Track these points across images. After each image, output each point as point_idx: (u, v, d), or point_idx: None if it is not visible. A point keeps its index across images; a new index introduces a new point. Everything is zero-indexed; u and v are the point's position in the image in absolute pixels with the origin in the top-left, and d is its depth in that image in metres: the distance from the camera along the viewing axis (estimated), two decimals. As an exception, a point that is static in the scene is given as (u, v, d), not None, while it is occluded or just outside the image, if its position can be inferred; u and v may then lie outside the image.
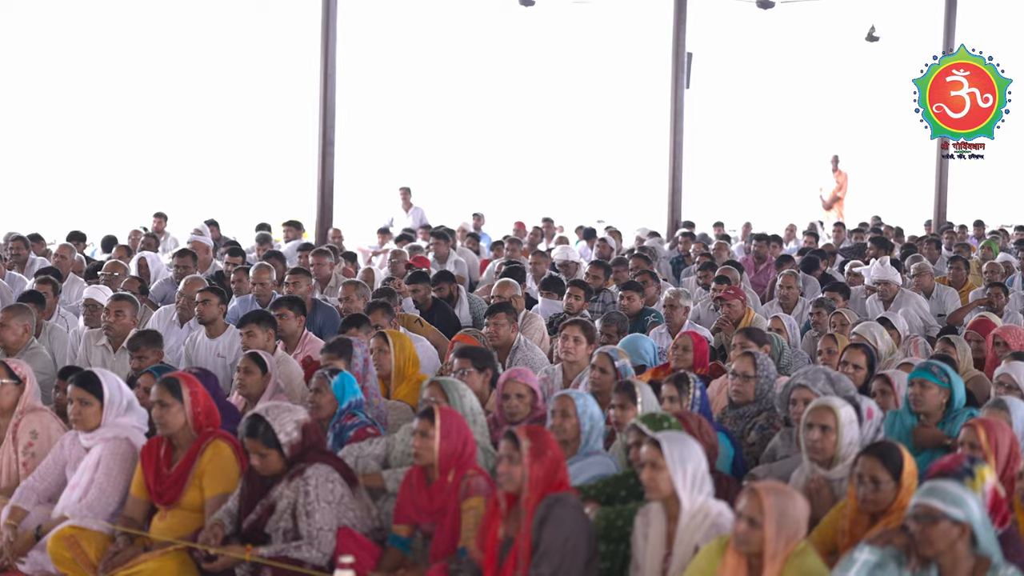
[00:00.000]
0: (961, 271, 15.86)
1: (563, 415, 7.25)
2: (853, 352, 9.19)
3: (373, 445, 7.59)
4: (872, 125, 36.23)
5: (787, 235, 24.04)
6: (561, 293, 13.30)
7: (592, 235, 21.61)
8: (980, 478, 5.70)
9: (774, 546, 5.40)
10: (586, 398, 7.35)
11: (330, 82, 19.58)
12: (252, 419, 7.02)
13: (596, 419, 7.30)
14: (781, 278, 13.96)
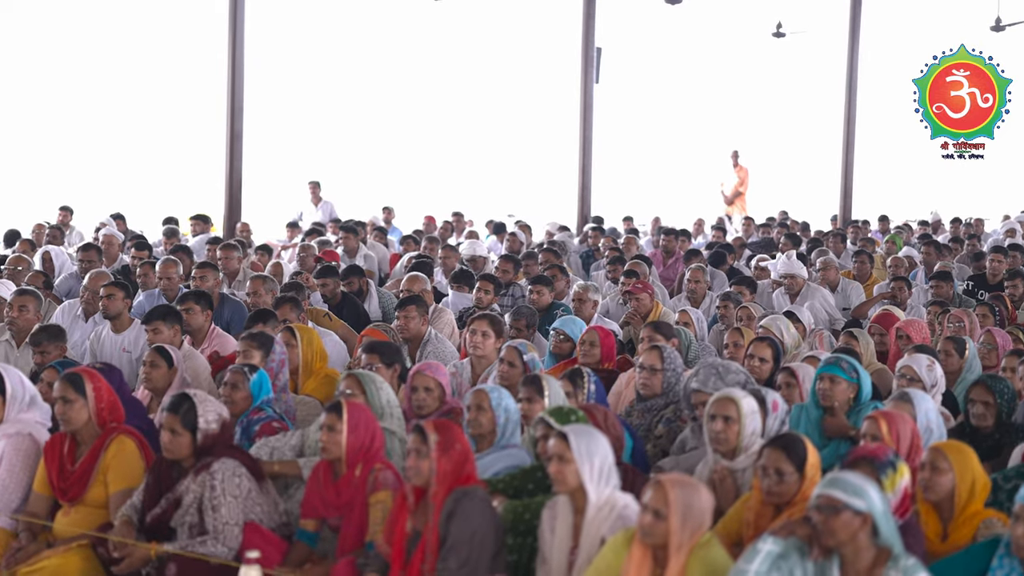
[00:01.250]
0: (866, 265, 16.06)
1: (478, 409, 7.26)
2: (759, 345, 9.28)
3: (288, 437, 7.56)
4: (779, 121, 36.61)
5: (695, 230, 24.21)
6: (472, 287, 13.31)
7: (502, 229, 21.65)
8: (900, 474, 5.77)
9: (679, 538, 5.44)
10: (501, 392, 7.36)
11: (238, 75, 19.42)
12: (179, 396, 7.01)
13: (511, 412, 7.31)
14: (689, 272, 14.05)
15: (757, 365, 9.15)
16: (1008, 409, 7.92)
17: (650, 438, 8.32)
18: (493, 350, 9.57)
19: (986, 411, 7.85)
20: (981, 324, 11.05)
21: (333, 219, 21.51)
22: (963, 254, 19.01)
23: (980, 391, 7.91)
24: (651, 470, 7.58)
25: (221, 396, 7.91)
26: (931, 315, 11.95)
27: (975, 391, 7.94)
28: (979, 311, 11.61)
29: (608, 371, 9.59)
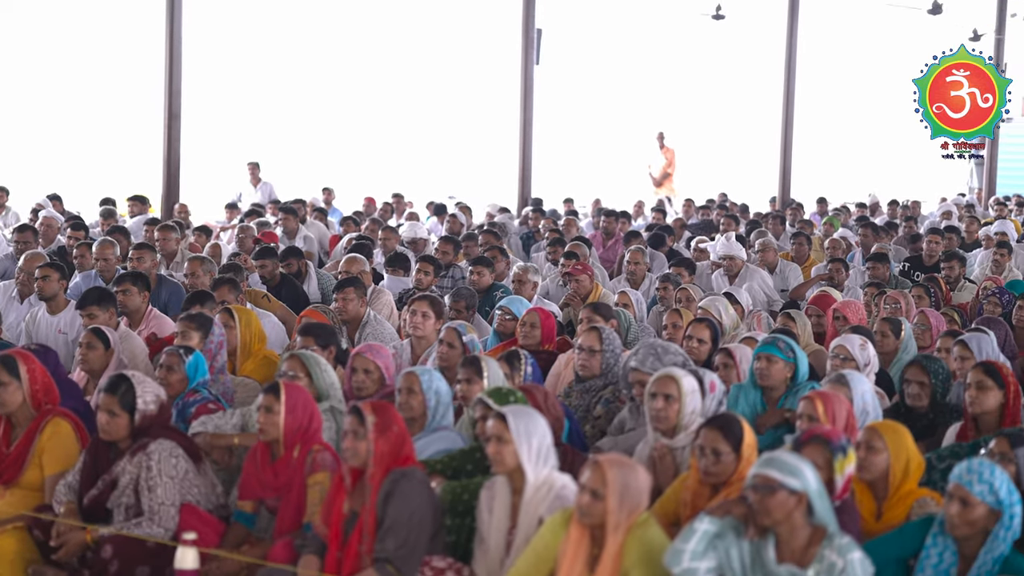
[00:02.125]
0: (804, 247, 16.15)
1: (409, 392, 7.25)
2: (697, 327, 9.32)
3: (229, 415, 7.54)
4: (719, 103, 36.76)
5: (635, 211, 24.26)
6: (407, 270, 13.29)
7: (442, 211, 21.61)
8: (849, 459, 5.80)
9: (616, 517, 5.46)
10: (432, 374, 7.36)
11: (175, 54, 19.25)
12: (117, 377, 6.97)
13: (442, 394, 7.31)
14: (629, 254, 14.08)
15: (695, 346, 9.20)
16: (942, 389, 7.99)
17: (588, 419, 8.35)
18: (433, 331, 9.57)
19: (921, 391, 7.92)
20: (917, 305, 11.14)
21: (272, 200, 21.37)
22: (900, 236, 19.18)
23: (915, 372, 7.97)
24: (589, 451, 7.61)
25: (157, 378, 7.87)
26: (868, 296, 12.04)
27: (910, 371, 8.01)
28: (915, 292, 11.70)
29: (548, 352, 9.61)
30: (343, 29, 32.16)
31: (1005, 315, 11.12)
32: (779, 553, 5.27)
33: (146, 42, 21.57)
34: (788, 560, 5.25)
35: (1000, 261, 14.85)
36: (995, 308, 11.41)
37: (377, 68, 32.73)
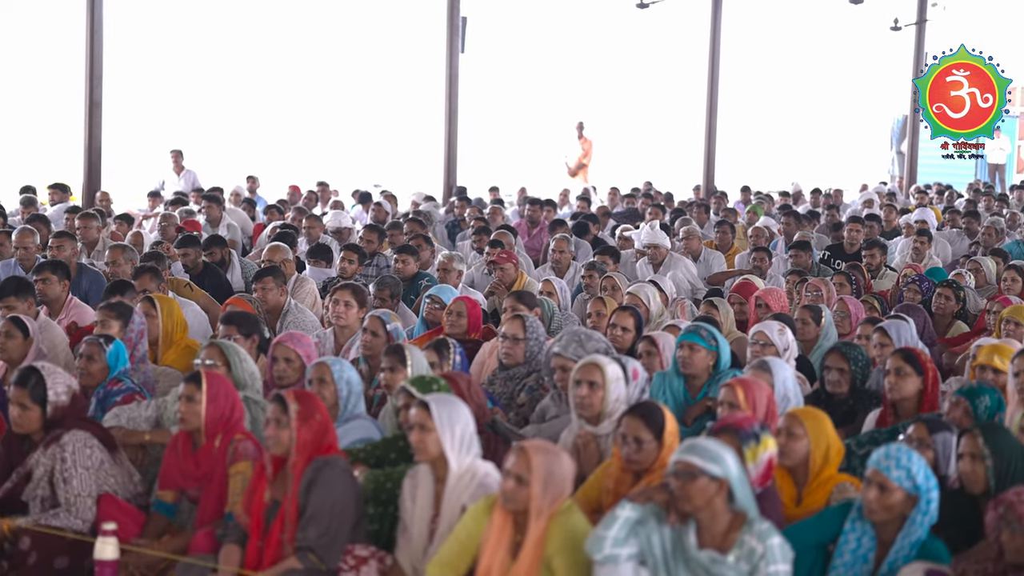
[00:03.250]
0: (727, 235, 16.25)
1: (320, 382, 7.22)
2: (621, 315, 9.35)
3: (142, 407, 7.49)
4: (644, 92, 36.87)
5: (561, 200, 24.31)
6: (329, 261, 13.24)
7: (367, 199, 21.53)
8: (763, 446, 5.83)
9: (540, 504, 5.48)
10: (342, 363, 7.34)
11: (96, 41, 19.04)
12: (26, 370, 6.92)
13: (354, 384, 7.29)
14: (554, 242, 14.11)
15: (619, 334, 9.23)
16: (862, 376, 8.07)
17: (512, 406, 8.37)
18: (356, 320, 9.54)
19: (841, 378, 8.00)
20: (838, 293, 11.24)
21: (195, 188, 21.21)
22: (822, 224, 19.34)
23: (835, 358, 8.04)
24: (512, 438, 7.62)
25: (77, 367, 7.79)
26: (790, 284, 12.13)
27: (830, 358, 8.08)
28: (836, 280, 11.80)
29: (474, 341, 9.62)
30: (266, 16, 31.95)
31: (925, 302, 11.24)
32: (700, 539, 5.31)
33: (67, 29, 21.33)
34: (709, 546, 5.29)
35: (920, 249, 15.01)
36: (915, 295, 11.53)
37: (302, 55, 32.55)
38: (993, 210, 21.90)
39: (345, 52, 32.98)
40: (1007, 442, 5.95)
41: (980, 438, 5.91)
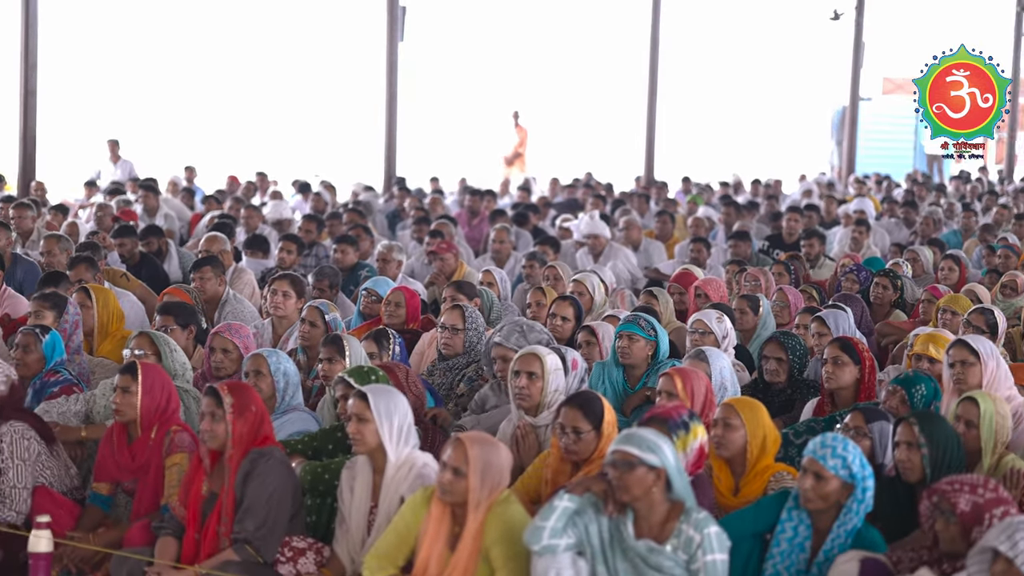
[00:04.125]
0: (667, 225, 16.30)
1: (257, 374, 7.17)
2: (561, 305, 9.35)
3: (72, 402, 7.41)
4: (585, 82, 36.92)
5: (501, 190, 24.30)
6: (266, 252, 13.17)
7: (307, 189, 21.44)
8: (693, 434, 5.84)
9: (478, 495, 5.47)
10: (279, 355, 7.29)
11: (31, 29, 18.80)
12: None
13: (291, 376, 7.25)
14: (494, 232, 14.11)
15: (559, 324, 9.23)
16: (800, 365, 8.10)
17: (452, 397, 8.35)
18: (294, 310, 9.48)
19: (779, 367, 8.03)
20: (777, 283, 11.28)
21: (132, 178, 21.03)
22: (761, 214, 19.43)
23: (773, 348, 8.08)
24: (451, 428, 7.60)
25: (12, 358, 7.70)
26: (729, 274, 12.18)
27: (768, 348, 8.11)
28: (775, 270, 11.85)
29: (413, 331, 9.58)
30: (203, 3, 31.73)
31: (863, 292, 11.30)
32: (637, 529, 5.31)
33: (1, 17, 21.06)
34: (646, 535, 5.29)
35: (858, 239, 15.10)
36: (853, 285, 11.59)
37: (241, 44, 32.35)
38: (931, 200, 22.08)
39: (284, 41, 32.82)
40: (943, 430, 5.99)
41: (916, 426, 5.95)
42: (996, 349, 7.40)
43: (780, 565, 5.54)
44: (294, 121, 32.32)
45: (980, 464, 6.33)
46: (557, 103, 36.18)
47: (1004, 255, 13.44)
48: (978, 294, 10.48)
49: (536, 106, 31.46)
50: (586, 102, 36.94)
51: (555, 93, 36.29)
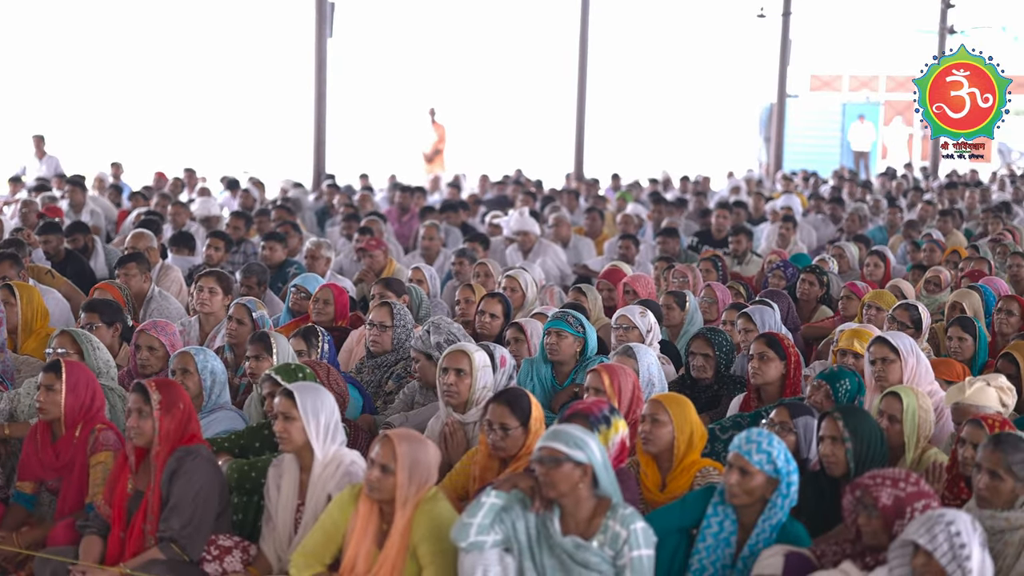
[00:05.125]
0: (597, 222, 16.34)
1: (184, 372, 7.13)
2: (489, 302, 9.37)
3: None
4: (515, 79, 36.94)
5: (431, 186, 24.27)
6: (192, 249, 13.07)
7: (235, 185, 21.31)
8: (614, 429, 5.88)
9: (405, 492, 5.48)
10: (206, 353, 7.25)
11: (-45, 23, 18.60)
12: None
13: (218, 374, 7.21)
14: (423, 229, 14.09)
15: (488, 321, 9.26)
16: (726, 361, 8.16)
17: (380, 394, 8.34)
18: (221, 307, 9.43)
19: (706, 363, 8.08)
20: (704, 279, 11.35)
21: (58, 174, 20.80)
22: (690, 211, 19.53)
23: (700, 344, 8.13)
24: (380, 426, 7.59)
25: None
26: (657, 270, 12.23)
27: (695, 344, 8.16)
28: (703, 266, 11.92)
29: (341, 328, 9.56)
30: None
31: (790, 288, 11.39)
32: (564, 525, 5.33)
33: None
34: (573, 531, 5.31)
35: (785, 235, 15.22)
36: (780, 281, 11.68)
37: (169, 40, 32.10)
38: (857, 196, 22.29)
39: (213, 36, 32.59)
40: (866, 425, 6.06)
41: (840, 421, 6.01)
42: (916, 345, 7.49)
43: (706, 560, 5.57)
44: (222, 117, 32.11)
45: (903, 458, 6.40)
46: (487, 100, 36.20)
47: (930, 249, 13.61)
48: (903, 290, 10.61)
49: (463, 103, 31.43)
50: (517, 99, 36.96)
51: (484, 90, 36.31)
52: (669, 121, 39.31)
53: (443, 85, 34.84)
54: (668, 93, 40.01)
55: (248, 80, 32.75)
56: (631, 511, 5.30)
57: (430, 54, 35.80)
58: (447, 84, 35.06)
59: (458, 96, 34.59)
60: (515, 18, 35.76)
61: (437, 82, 34.83)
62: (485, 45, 36.43)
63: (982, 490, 5.45)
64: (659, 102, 39.61)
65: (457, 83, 35.57)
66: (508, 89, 36.87)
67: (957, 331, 8.80)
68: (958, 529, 4.66)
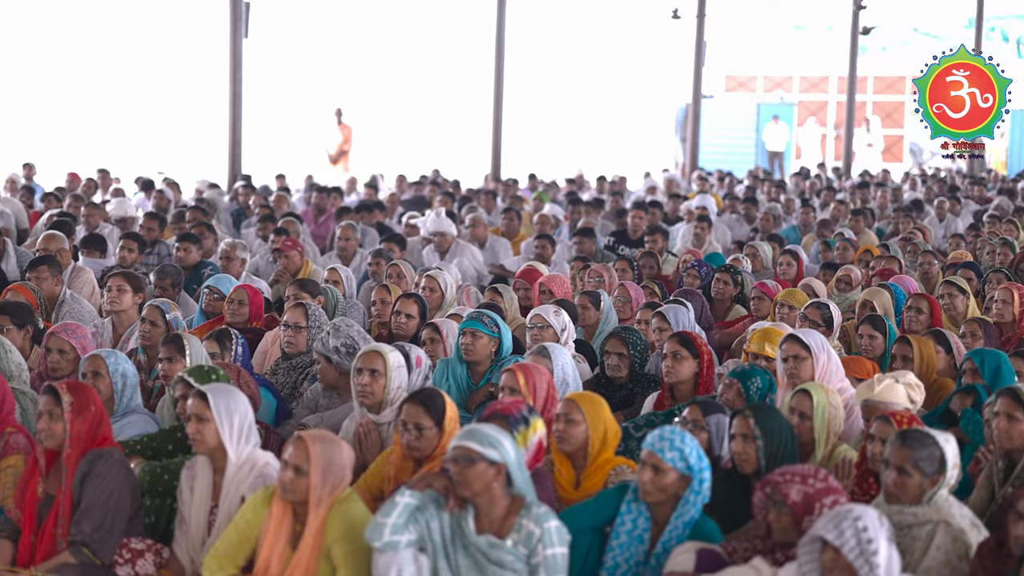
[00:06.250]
0: (514, 222, 16.37)
1: (95, 375, 7.07)
2: (405, 302, 9.38)
3: None
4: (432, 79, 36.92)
5: (348, 187, 24.20)
6: (103, 251, 12.94)
7: (150, 186, 21.11)
8: (533, 429, 5.91)
9: (319, 493, 5.48)
10: (117, 356, 7.19)
11: None
12: None
13: (129, 377, 7.15)
14: (340, 230, 14.05)
15: (403, 321, 9.26)
16: (641, 360, 8.21)
17: (295, 396, 8.32)
18: (132, 306, 9.37)
19: (620, 362, 8.13)
20: (620, 279, 11.40)
21: (-33, 176, 20.54)
22: (607, 211, 19.62)
23: (614, 343, 8.18)
24: (295, 427, 7.57)
25: None
26: (574, 270, 12.28)
27: (610, 343, 8.21)
28: (618, 266, 11.98)
29: (256, 330, 9.52)
30: None
31: (705, 287, 11.47)
32: (478, 524, 5.35)
33: None
34: (487, 530, 5.33)
35: (700, 235, 15.34)
36: (694, 280, 11.76)
37: (83, 40, 31.77)
38: (771, 196, 22.50)
39: (127, 36, 32.31)
40: (777, 423, 6.12)
41: (751, 419, 6.07)
42: (827, 343, 7.57)
43: (619, 557, 5.62)
44: (137, 117, 31.83)
45: (813, 455, 6.47)
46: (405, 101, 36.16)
47: (843, 247, 13.77)
48: (814, 288, 10.73)
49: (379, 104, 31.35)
50: (435, 100, 36.95)
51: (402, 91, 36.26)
52: (586, 121, 39.46)
53: (358, 85, 34.77)
54: (585, 93, 40.18)
55: (163, 80, 32.50)
56: (545, 510, 5.33)
57: (345, 54, 35.70)
58: (362, 84, 34.99)
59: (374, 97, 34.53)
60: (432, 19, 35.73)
61: (351, 82, 34.74)
62: (402, 45, 36.37)
63: (890, 486, 5.52)
64: (576, 102, 39.76)
65: (373, 83, 35.50)
66: (427, 90, 36.84)
67: (868, 329, 8.91)
68: (865, 524, 4.73)
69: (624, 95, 40.58)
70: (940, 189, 24.48)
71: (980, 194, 24.11)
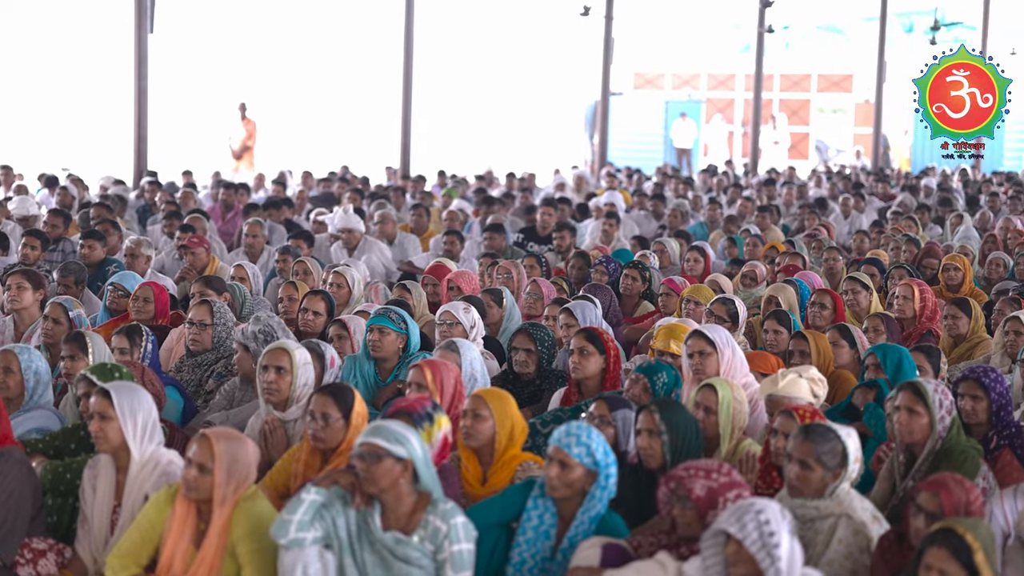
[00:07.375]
0: (423, 219, 16.33)
1: (6, 371, 6.98)
2: (312, 299, 9.34)
3: None
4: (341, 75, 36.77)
5: (256, 183, 24.04)
6: (5, 248, 12.77)
7: (54, 183, 20.85)
8: (438, 425, 5.92)
9: (223, 491, 5.44)
10: (31, 352, 7.11)
11: None
12: None
13: (42, 374, 7.08)
14: (247, 227, 13.96)
15: (311, 318, 9.23)
16: (548, 356, 8.24)
17: (200, 393, 8.27)
18: (33, 304, 9.27)
19: (528, 358, 8.15)
20: (530, 275, 11.43)
21: None
22: (516, 207, 19.65)
23: (522, 339, 8.19)
24: (199, 425, 7.52)
25: None
26: (482, 267, 12.29)
27: (517, 339, 8.22)
28: (527, 262, 12.01)
29: (161, 327, 9.44)
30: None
31: (613, 283, 11.52)
32: (385, 520, 5.34)
33: None
34: (394, 527, 5.33)
35: (608, 231, 15.40)
36: (602, 276, 11.81)
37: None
38: (679, 193, 22.65)
39: (29, 30, 31.85)
40: (682, 418, 6.15)
41: (656, 414, 6.09)
42: (732, 338, 7.64)
43: (526, 553, 5.63)
44: (41, 113, 31.40)
45: (718, 450, 6.53)
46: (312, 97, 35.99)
47: (752, 244, 13.89)
48: (720, 284, 10.82)
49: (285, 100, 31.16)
50: (343, 96, 36.80)
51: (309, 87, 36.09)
52: (495, 118, 39.49)
53: (265, 81, 34.55)
54: (494, 90, 40.21)
55: (67, 75, 32.08)
56: (452, 506, 5.33)
57: (252, 49, 35.45)
58: (269, 80, 34.77)
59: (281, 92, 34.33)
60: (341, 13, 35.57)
61: (258, 78, 34.51)
62: (310, 40, 36.20)
63: (793, 479, 5.58)
64: (485, 99, 39.78)
65: (280, 79, 35.29)
66: (336, 85, 36.69)
67: (772, 324, 9.00)
68: (767, 517, 4.78)
69: (533, 92, 40.67)
70: (845, 186, 24.76)
71: (884, 191, 24.43)
